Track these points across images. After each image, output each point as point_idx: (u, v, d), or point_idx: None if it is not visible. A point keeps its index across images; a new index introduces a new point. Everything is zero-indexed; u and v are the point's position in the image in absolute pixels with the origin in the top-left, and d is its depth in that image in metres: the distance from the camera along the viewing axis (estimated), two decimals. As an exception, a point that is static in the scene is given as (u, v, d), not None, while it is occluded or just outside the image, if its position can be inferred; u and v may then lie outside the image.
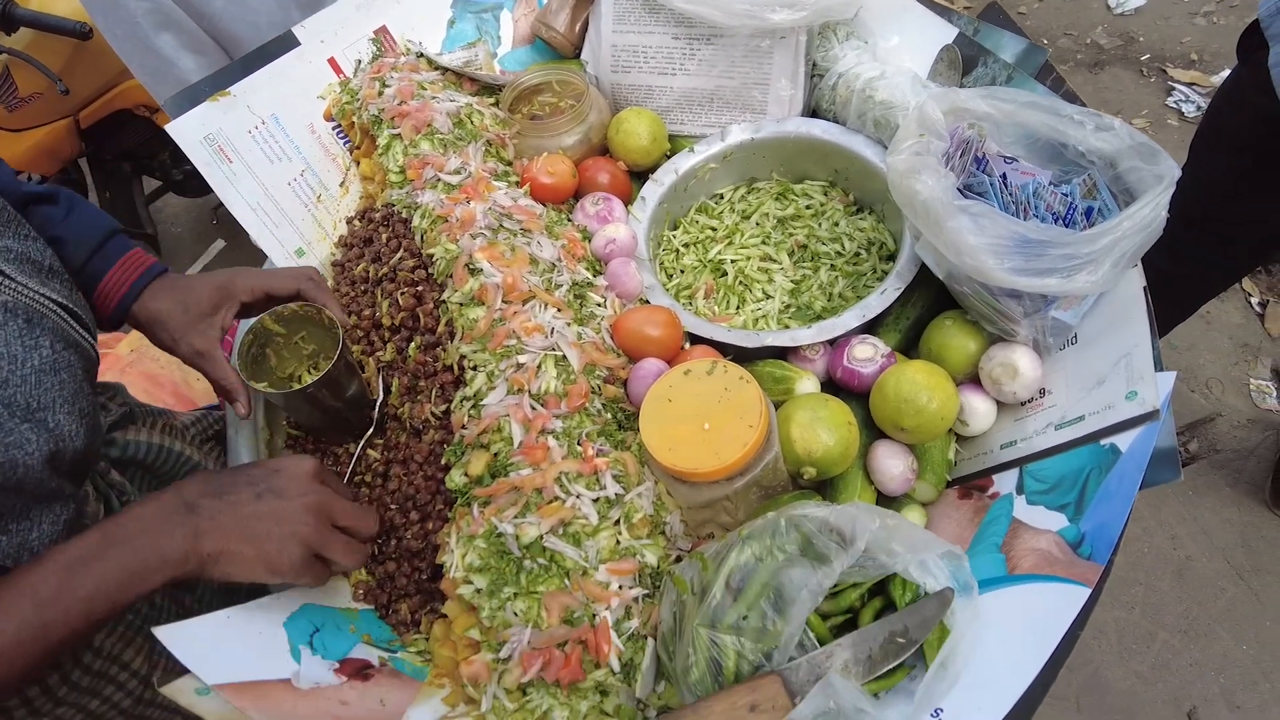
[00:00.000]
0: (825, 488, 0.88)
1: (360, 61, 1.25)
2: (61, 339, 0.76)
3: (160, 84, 1.44)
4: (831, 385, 0.95)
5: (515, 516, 0.77)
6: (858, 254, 1.08)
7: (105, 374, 2.06)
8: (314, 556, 0.75)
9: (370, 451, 1.02)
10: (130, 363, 2.19)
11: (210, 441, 1.14)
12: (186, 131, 1.13)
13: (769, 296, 1.07)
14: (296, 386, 0.89)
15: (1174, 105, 3.02)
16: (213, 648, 0.72)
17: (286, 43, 1.22)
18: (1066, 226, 0.84)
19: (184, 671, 0.69)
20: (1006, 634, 0.69)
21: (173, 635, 0.71)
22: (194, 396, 2.17)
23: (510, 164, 1.12)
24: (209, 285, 0.95)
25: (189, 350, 0.93)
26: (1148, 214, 0.77)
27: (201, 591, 1.00)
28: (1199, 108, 2.98)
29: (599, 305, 0.98)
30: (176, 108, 1.14)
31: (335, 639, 0.84)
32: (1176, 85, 3.08)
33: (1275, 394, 2.28)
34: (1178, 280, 1.68)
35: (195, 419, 1.15)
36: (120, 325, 0.95)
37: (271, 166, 1.18)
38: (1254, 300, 2.48)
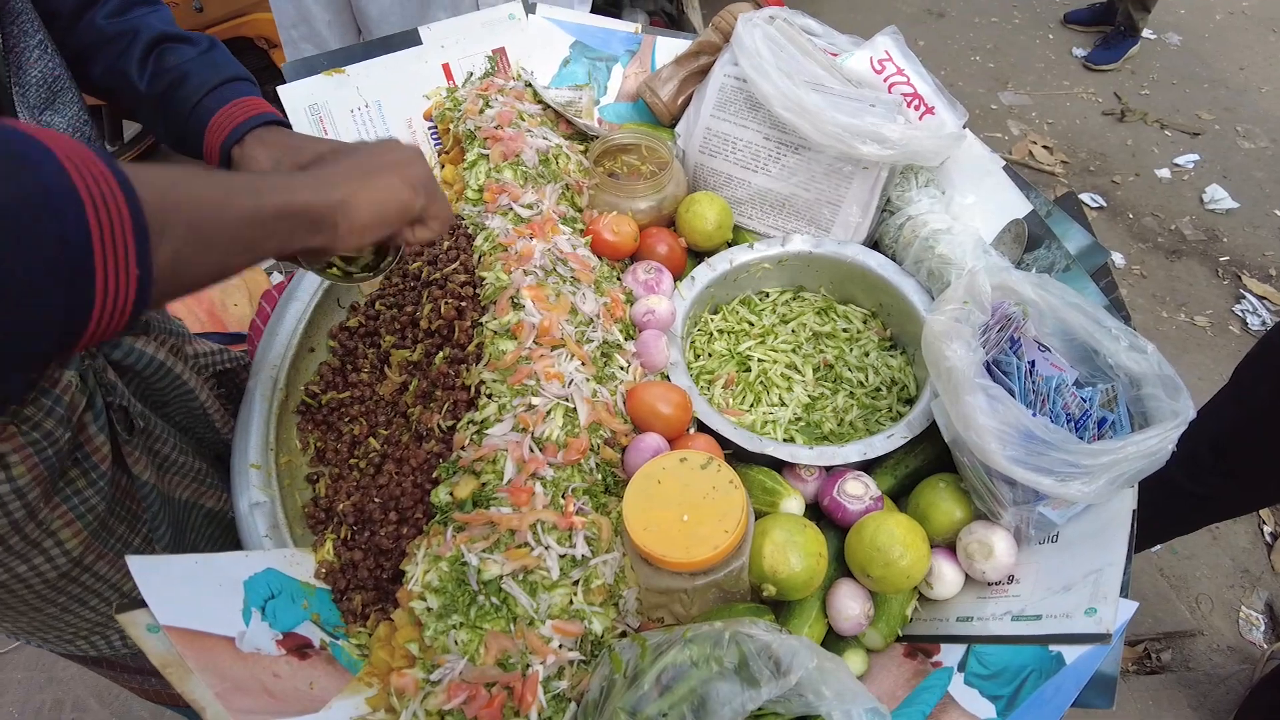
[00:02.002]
0: (781, 608, 0.90)
1: (472, 74, 1.32)
2: None
3: (292, 32, 1.52)
4: (816, 509, 0.98)
5: (483, 550, 0.80)
6: (879, 389, 1.11)
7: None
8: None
9: (371, 440, 1.06)
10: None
11: (213, 379, 1.16)
12: (295, 97, 1.19)
13: (784, 404, 1.10)
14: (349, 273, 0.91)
15: (1240, 314, 3.02)
16: (174, 589, 0.76)
17: (410, 39, 1.29)
18: (1077, 430, 0.87)
19: (143, 604, 0.73)
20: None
21: (143, 567, 0.74)
22: (226, 320, 2.24)
23: (580, 211, 1.17)
24: (313, 149, 0.91)
25: None
26: (1154, 444, 0.79)
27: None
28: (1264, 323, 2.97)
29: (621, 369, 1.02)
30: (294, 73, 1.21)
31: (287, 610, 0.87)
32: (1247, 294, 3.08)
33: (1263, 628, 2.25)
34: (1193, 498, 1.67)
35: (206, 351, 1.16)
36: (223, 166, 0.93)
37: (363, 149, 1.24)
38: (1267, 529, 2.45)
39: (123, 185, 0.50)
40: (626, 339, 1.05)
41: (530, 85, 1.30)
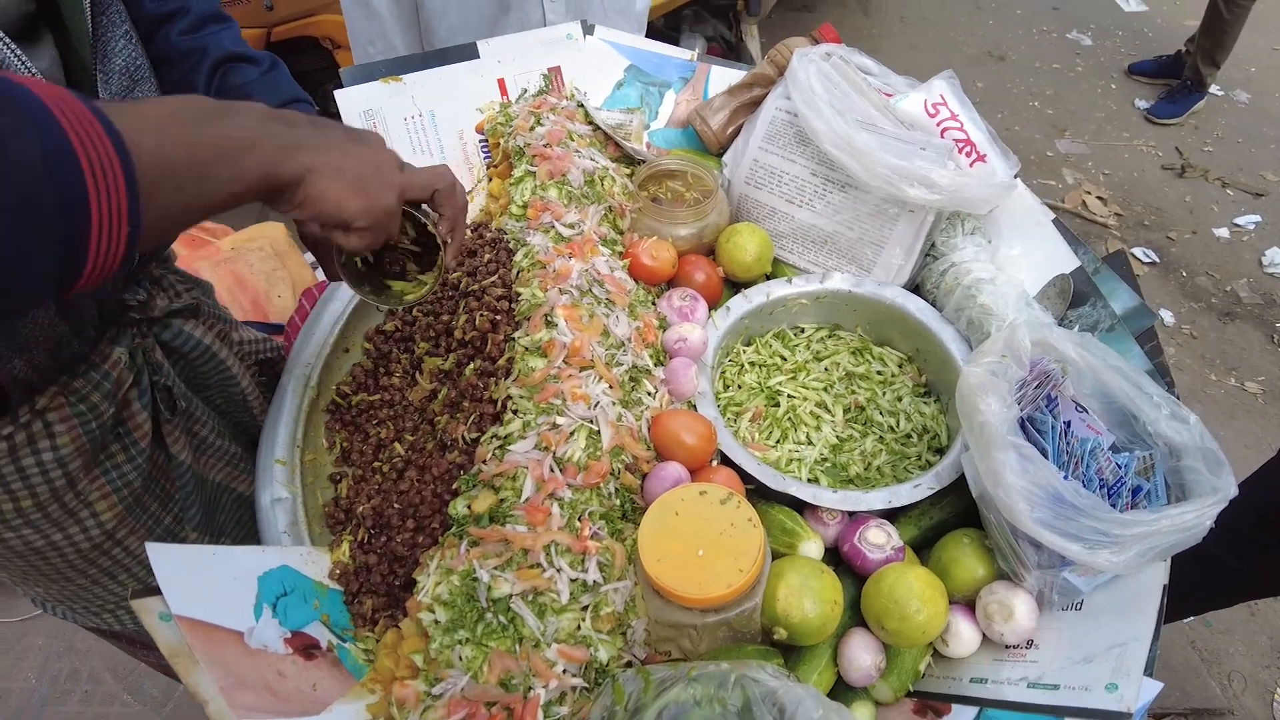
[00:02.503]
0: (792, 653, 0.89)
1: (526, 91, 1.33)
2: None
3: (361, 35, 1.55)
4: (835, 554, 0.96)
5: (495, 567, 0.80)
6: (909, 436, 1.09)
7: (200, 264, 2.20)
8: (399, 209, 0.75)
9: (397, 445, 1.07)
10: (226, 259, 2.32)
11: (255, 366, 1.21)
12: (351, 102, 1.22)
13: (811, 443, 1.08)
14: (383, 300, 0.89)
15: (1293, 383, 2.92)
16: (189, 579, 0.77)
17: (467, 52, 1.31)
18: (1110, 496, 0.84)
19: (158, 591, 0.74)
20: None
21: (161, 555, 0.76)
22: (269, 311, 2.29)
23: (622, 234, 1.17)
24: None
25: (311, 229, 0.90)
26: (1191, 519, 0.76)
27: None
28: (1318, 395, 2.87)
29: (649, 394, 1.01)
30: (352, 78, 1.24)
31: (298, 608, 0.88)
32: (1303, 364, 2.98)
33: (1296, 712, 2.15)
34: (1232, 572, 1.61)
35: (250, 339, 1.21)
36: None
37: (412, 156, 1.26)
38: (1308, 608, 2.36)
39: (118, 148, 0.51)
40: (656, 365, 1.05)
41: (582, 106, 1.31)
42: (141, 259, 0.94)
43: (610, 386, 0.96)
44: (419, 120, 1.30)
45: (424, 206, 0.85)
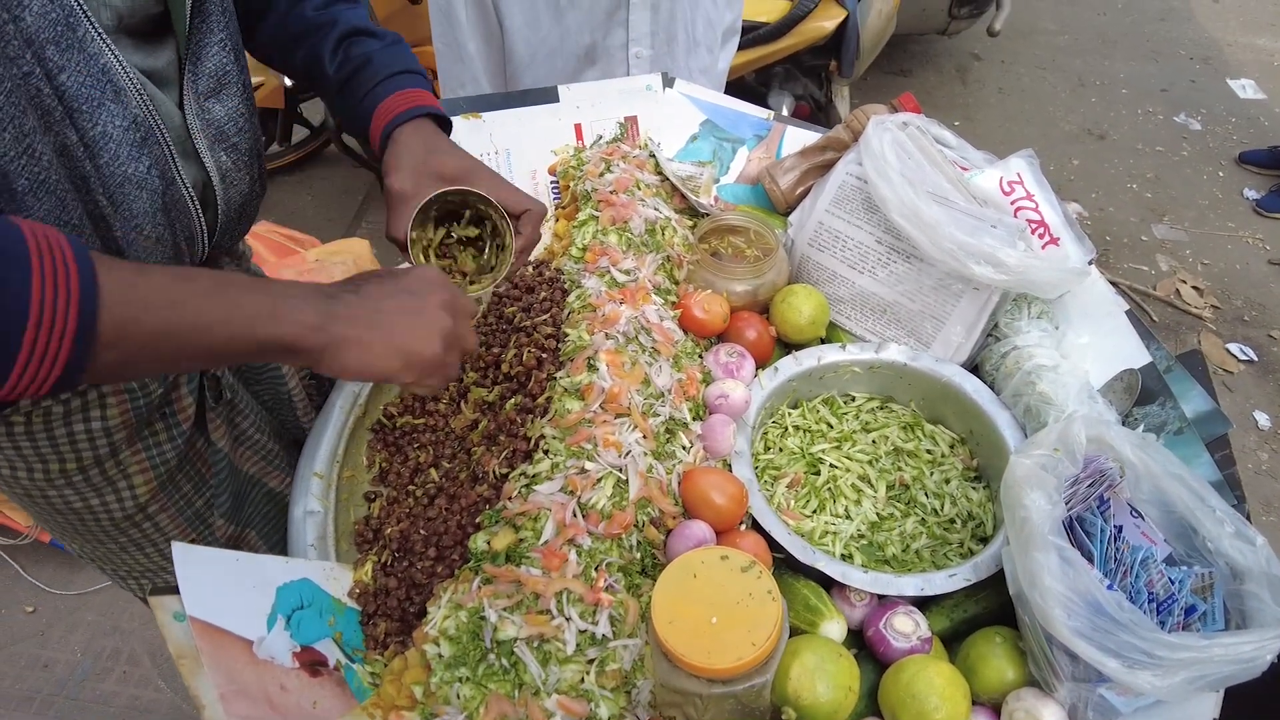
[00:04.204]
0: (800, 734, 0.85)
1: (601, 138, 1.36)
2: (160, 169, 0.83)
3: (450, 78, 1.61)
4: (859, 637, 0.92)
5: (504, 609, 0.79)
6: (953, 521, 1.05)
7: (285, 271, 2.30)
8: (454, 351, 0.78)
9: (432, 470, 1.08)
10: (310, 269, 2.42)
11: (312, 379, 1.26)
12: (432, 133, 1.26)
13: (849, 517, 1.05)
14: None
15: (1399, 508, 2.70)
16: (208, 581, 0.79)
17: (548, 95, 1.35)
18: (1159, 613, 0.78)
19: (176, 591, 0.76)
20: None
21: (185, 555, 0.78)
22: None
23: (677, 284, 1.17)
24: (458, 160, 0.97)
25: (397, 185, 0.94)
26: (1248, 650, 0.70)
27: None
28: None
29: (684, 448, 1.00)
30: (434, 113, 1.28)
31: (312, 624, 0.89)
32: None
33: None
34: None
35: None
36: (383, 147, 0.98)
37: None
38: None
39: (83, 298, 0.57)
40: (695, 419, 1.03)
41: (654, 156, 1.32)
42: (213, 253, 1.00)
43: (644, 436, 0.96)
44: (494, 158, 1.33)
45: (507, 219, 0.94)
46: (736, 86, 1.67)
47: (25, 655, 2.12)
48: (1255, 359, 3.11)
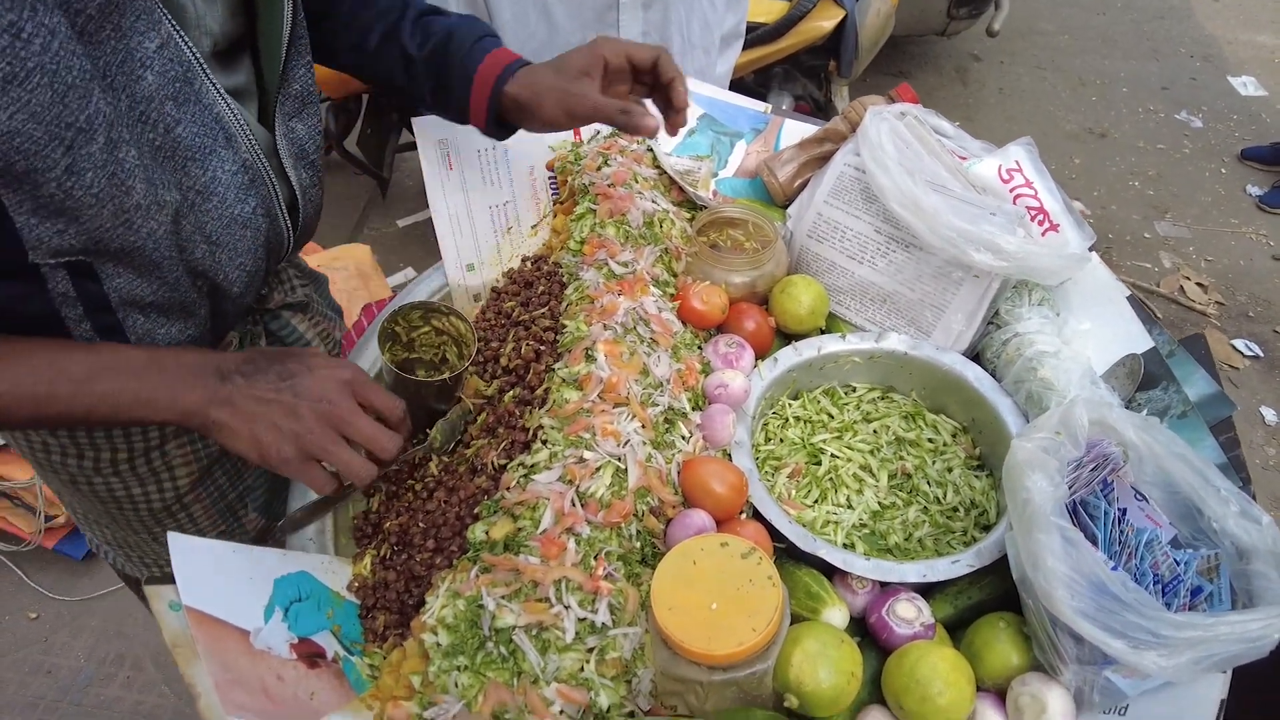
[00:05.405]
0: (802, 722, 0.84)
1: (599, 132, 1.36)
2: (265, 207, 0.89)
3: None
4: (861, 624, 0.91)
5: (502, 597, 0.79)
6: (956, 509, 1.04)
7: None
8: (311, 460, 0.79)
9: (432, 465, 1.07)
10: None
11: None
12: (428, 129, 1.26)
13: (850, 507, 1.04)
14: (422, 376, 0.99)
15: None
16: (205, 571, 0.79)
17: (547, 92, 1.34)
18: (1165, 594, 0.78)
19: (173, 580, 0.75)
20: None
21: (181, 545, 0.77)
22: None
23: (675, 276, 1.17)
24: (576, 53, 1.02)
25: (562, 97, 1.00)
26: (1255, 629, 0.70)
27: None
28: None
29: (683, 438, 0.99)
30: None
31: (310, 616, 0.88)
32: None
33: None
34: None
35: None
36: (495, 103, 1.05)
37: (483, 188, 1.29)
38: None
39: None
40: (694, 409, 1.03)
41: (651, 150, 1.32)
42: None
43: (643, 425, 0.95)
44: (491, 154, 1.33)
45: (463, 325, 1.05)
46: (736, 87, 1.67)
47: (29, 661, 2.11)
48: (1261, 354, 3.09)
